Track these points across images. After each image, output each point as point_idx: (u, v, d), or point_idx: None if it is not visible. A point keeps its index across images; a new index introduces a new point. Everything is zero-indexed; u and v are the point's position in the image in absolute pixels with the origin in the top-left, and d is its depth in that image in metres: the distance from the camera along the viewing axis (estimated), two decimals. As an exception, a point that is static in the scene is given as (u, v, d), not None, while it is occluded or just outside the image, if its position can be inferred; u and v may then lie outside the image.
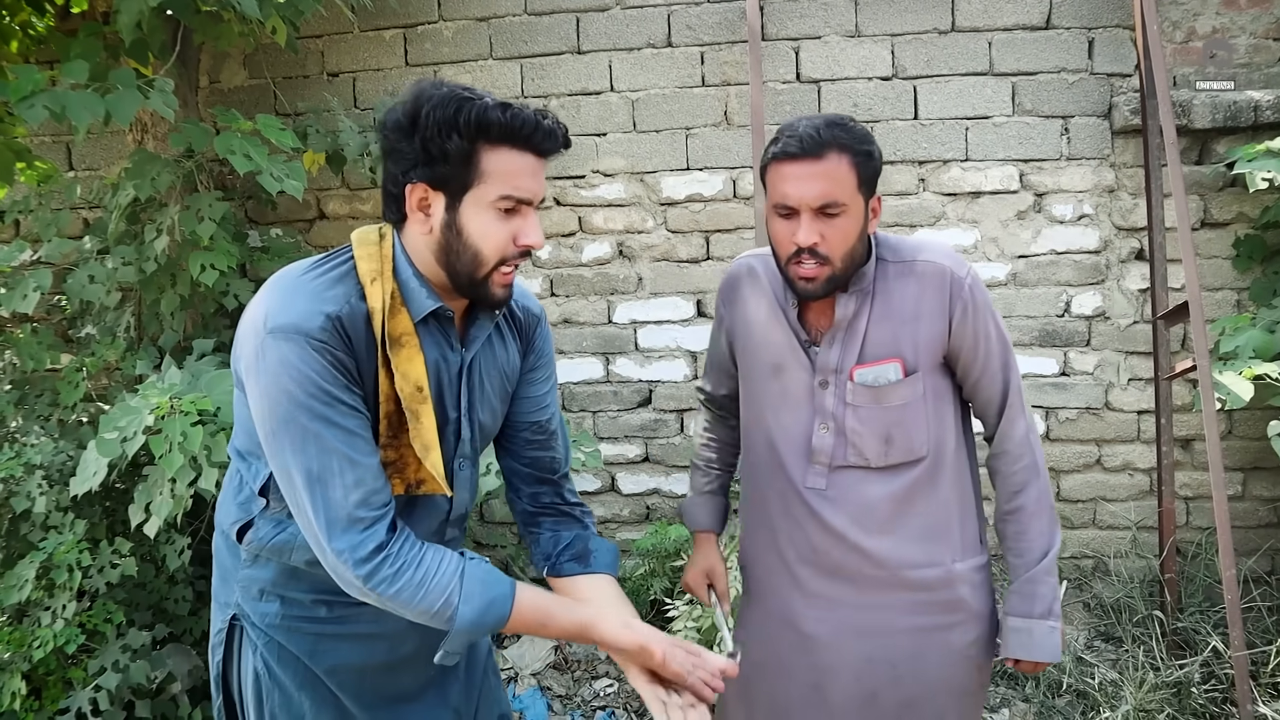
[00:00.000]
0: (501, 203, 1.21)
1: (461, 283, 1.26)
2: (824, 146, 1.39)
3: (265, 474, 1.30)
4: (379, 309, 1.22)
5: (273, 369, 1.16)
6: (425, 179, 1.20)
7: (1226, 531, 2.55)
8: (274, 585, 1.35)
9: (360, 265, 1.24)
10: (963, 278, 1.51)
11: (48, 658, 2.33)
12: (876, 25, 3.20)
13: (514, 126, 1.19)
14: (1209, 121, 3.00)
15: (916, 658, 1.56)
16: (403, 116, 1.19)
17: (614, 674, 3.05)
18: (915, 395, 1.51)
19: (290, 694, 1.37)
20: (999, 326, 1.55)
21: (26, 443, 2.69)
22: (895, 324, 1.50)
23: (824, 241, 1.41)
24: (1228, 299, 3.16)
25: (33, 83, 2.23)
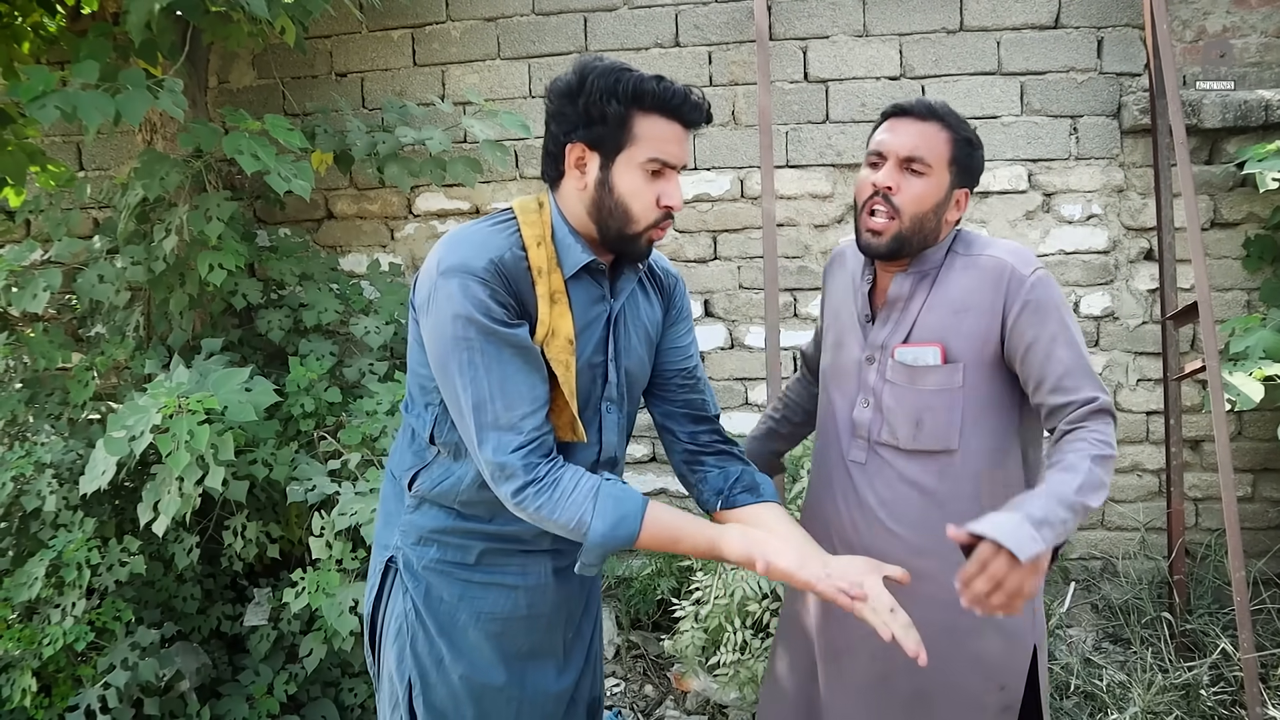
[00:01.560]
0: (649, 164, 1.36)
1: (611, 236, 1.40)
2: (932, 114, 1.50)
3: (431, 419, 1.44)
4: (543, 268, 1.37)
5: (441, 303, 1.32)
6: (584, 139, 1.35)
7: (1236, 533, 2.53)
8: (434, 532, 1.47)
9: (525, 230, 1.38)
10: (1025, 275, 1.46)
11: (57, 655, 2.34)
12: (884, 25, 3.19)
13: (664, 97, 1.34)
14: (1219, 121, 2.98)
15: (935, 652, 1.49)
16: (569, 83, 1.35)
17: (620, 673, 3.05)
18: (951, 384, 1.50)
19: (432, 636, 1.48)
20: (1070, 336, 1.44)
21: (37, 441, 2.71)
22: (946, 312, 1.51)
23: (899, 191, 1.48)
24: (1238, 299, 3.15)
25: (44, 83, 2.24)
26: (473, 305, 1.30)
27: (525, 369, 1.33)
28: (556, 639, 1.57)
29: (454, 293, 1.30)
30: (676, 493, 3.48)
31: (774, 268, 2.85)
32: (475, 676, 1.48)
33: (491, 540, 1.47)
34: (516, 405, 1.32)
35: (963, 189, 1.53)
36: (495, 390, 1.31)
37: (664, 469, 3.47)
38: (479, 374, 1.31)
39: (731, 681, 2.51)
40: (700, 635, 2.59)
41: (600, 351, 1.46)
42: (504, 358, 1.31)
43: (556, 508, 1.32)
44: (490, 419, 1.31)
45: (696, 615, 2.64)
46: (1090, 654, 2.93)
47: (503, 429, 1.31)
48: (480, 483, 1.41)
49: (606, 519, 1.32)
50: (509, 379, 1.31)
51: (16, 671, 2.33)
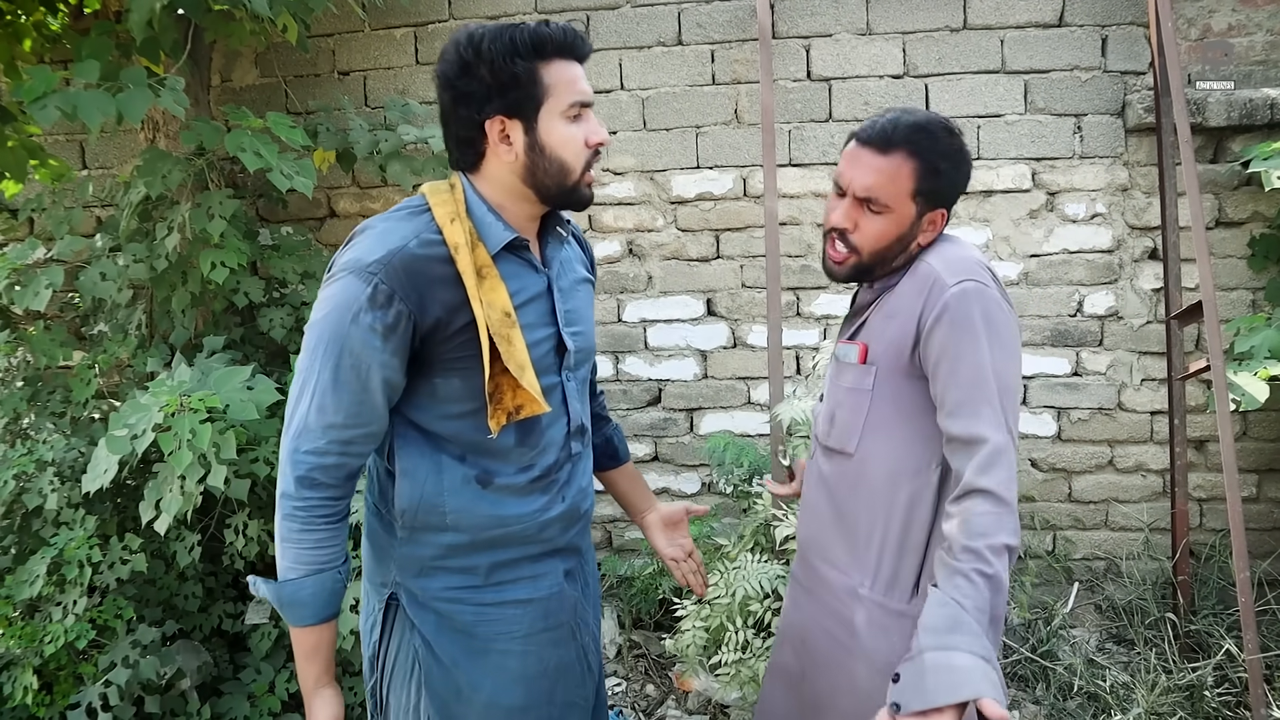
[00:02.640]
0: (571, 110, 1.32)
1: (552, 194, 1.36)
2: (893, 145, 1.39)
3: (384, 438, 1.39)
4: (463, 243, 1.31)
5: (323, 298, 1.29)
6: (501, 110, 1.30)
7: (1240, 534, 2.52)
8: (436, 560, 1.41)
9: (436, 210, 1.34)
10: (947, 284, 1.35)
11: (59, 653, 2.34)
12: (888, 23, 3.18)
13: (561, 39, 1.30)
14: (1224, 119, 2.97)
15: (827, 662, 1.53)
16: (463, 60, 1.29)
17: (622, 673, 3.04)
18: (861, 385, 1.46)
19: (447, 669, 1.42)
20: (978, 357, 1.31)
21: (39, 439, 2.71)
22: (883, 315, 1.48)
23: (856, 231, 1.43)
24: (1242, 299, 3.13)
25: (45, 83, 2.24)
26: (343, 307, 1.26)
27: (357, 394, 1.28)
28: (578, 646, 1.53)
29: (333, 293, 1.28)
30: (679, 492, 3.47)
31: (776, 266, 2.85)
32: (501, 700, 1.43)
33: (496, 550, 1.41)
34: (328, 413, 1.28)
35: (936, 210, 1.44)
36: (320, 389, 1.28)
37: (666, 468, 3.47)
38: (313, 369, 1.28)
39: (733, 681, 2.50)
40: (702, 635, 2.59)
41: (549, 323, 1.43)
42: (341, 368, 1.27)
43: (294, 539, 1.30)
44: (302, 410, 1.29)
45: (698, 615, 2.64)
46: (1094, 654, 2.92)
47: (308, 427, 1.29)
48: (463, 479, 1.38)
49: (288, 593, 1.31)
50: (338, 386, 1.27)
51: (18, 669, 2.34)
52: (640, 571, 3.20)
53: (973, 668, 1.14)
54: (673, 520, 1.78)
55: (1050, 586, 3.23)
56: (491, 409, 1.33)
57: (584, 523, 1.55)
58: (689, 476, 3.47)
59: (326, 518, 1.31)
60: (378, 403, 1.30)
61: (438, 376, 1.34)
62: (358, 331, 1.25)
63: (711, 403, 3.42)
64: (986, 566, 1.21)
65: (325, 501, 1.30)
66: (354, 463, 1.32)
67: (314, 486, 1.29)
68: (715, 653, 2.57)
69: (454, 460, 1.38)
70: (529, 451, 1.41)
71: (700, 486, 3.47)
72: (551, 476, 1.45)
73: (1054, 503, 3.30)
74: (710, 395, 3.42)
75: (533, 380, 1.33)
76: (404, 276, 1.27)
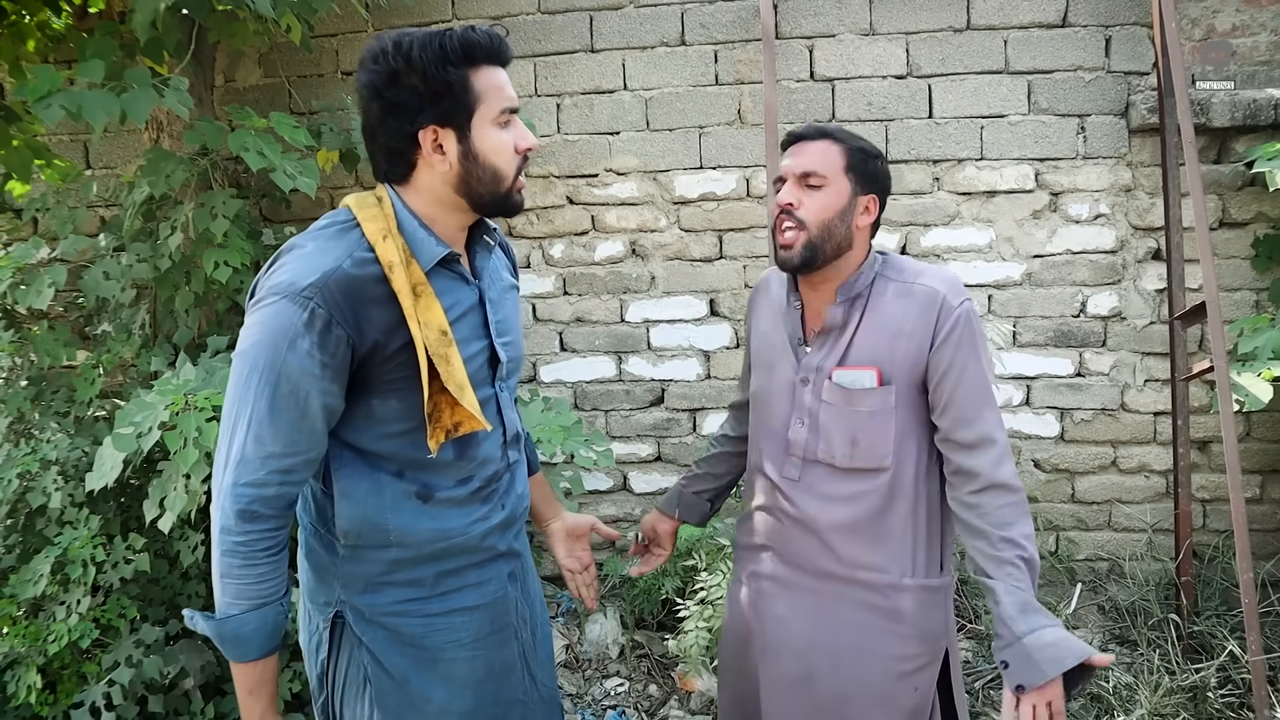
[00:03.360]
0: (501, 117, 1.30)
1: (486, 202, 1.34)
2: (822, 134, 1.60)
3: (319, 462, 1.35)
4: (397, 262, 1.27)
5: (253, 323, 1.24)
6: (434, 119, 1.27)
7: (1244, 534, 2.52)
8: (380, 575, 1.39)
9: (366, 226, 1.29)
10: (954, 305, 1.53)
11: (62, 652, 2.35)
12: (891, 23, 3.18)
13: (489, 45, 1.28)
14: (1228, 120, 2.97)
15: (856, 655, 1.61)
16: (392, 70, 1.25)
17: (624, 673, 3.04)
18: (886, 405, 1.56)
19: (398, 681, 1.41)
20: (980, 369, 1.53)
21: (43, 438, 2.71)
22: (880, 336, 1.57)
23: (801, 206, 1.56)
24: (1246, 299, 3.13)
25: (49, 83, 2.24)
26: (278, 334, 1.21)
27: (295, 421, 1.24)
28: (519, 645, 1.55)
29: (265, 318, 1.22)
30: (681, 492, 3.47)
31: (779, 267, 2.84)
32: (452, 707, 1.44)
33: (441, 561, 1.40)
34: (267, 443, 1.23)
35: (869, 195, 1.59)
36: (256, 418, 1.23)
37: (669, 468, 3.47)
38: (248, 399, 1.23)
39: (736, 681, 2.50)
40: (704, 635, 2.59)
41: (481, 335, 1.41)
42: (279, 396, 1.22)
43: (236, 575, 1.26)
44: (239, 442, 1.24)
45: (700, 615, 2.64)
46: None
47: (246, 458, 1.23)
48: (403, 495, 1.36)
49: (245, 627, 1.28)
50: (275, 415, 1.23)
51: (22, 668, 2.34)
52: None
53: (1063, 637, 1.41)
54: (577, 532, 1.80)
55: (1053, 587, 3.22)
56: (431, 428, 1.32)
57: (521, 524, 1.56)
58: (692, 477, 3.46)
59: (268, 550, 1.27)
60: (317, 429, 1.27)
61: (375, 398, 1.31)
62: (295, 358, 1.21)
63: (714, 403, 3.42)
64: (1024, 552, 1.46)
65: (266, 534, 1.27)
66: (294, 491, 1.29)
67: (255, 519, 1.25)
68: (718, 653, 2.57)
69: (392, 477, 1.36)
70: (468, 464, 1.40)
71: (703, 487, 3.47)
72: (491, 486, 1.45)
73: (1057, 503, 3.29)
74: (713, 395, 3.42)
75: (472, 400, 1.32)
76: (340, 299, 1.23)
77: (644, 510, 3.50)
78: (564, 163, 3.37)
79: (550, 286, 3.45)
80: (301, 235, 1.31)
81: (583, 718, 2.83)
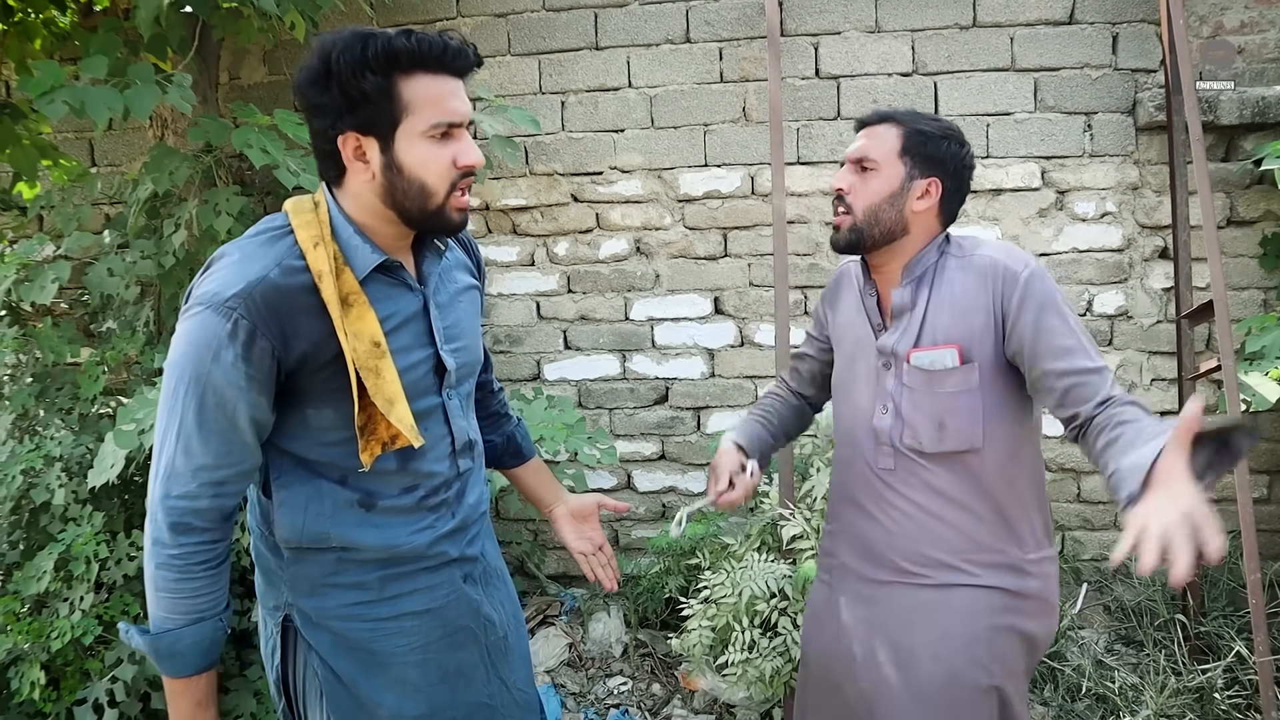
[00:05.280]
0: (433, 130, 1.22)
1: (414, 217, 1.27)
2: (882, 118, 1.60)
3: (254, 474, 1.32)
4: (326, 271, 1.22)
5: (179, 334, 1.20)
6: (353, 126, 1.21)
7: (1251, 535, 2.50)
8: (326, 577, 1.36)
9: (299, 233, 1.25)
10: (1018, 272, 1.49)
11: (65, 648, 2.35)
12: (897, 21, 3.17)
13: (422, 51, 1.19)
14: (1236, 118, 2.95)
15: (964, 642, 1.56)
16: (314, 69, 1.19)
17: (628, 672, 3.04)
18: (970, 384, 1.52)
19: (347, 686, 1.38)
20: (1065, 321, 1.47)
21: (47, 435, 2.72)
22: (954, 313, 1.54)
23: (850, 191, 1.58)
24: (1254, 298, 3.11)
25: (53, 78, 2.25)
26: (202, 345, 1.17)
27: (224, 433, 1.21)
28: (480, 648, 1.50)
29: (190, 329, 1.18)
30: (685, 491, 3.47)
31: (784, 265, 2.84)
32: (406, 710, 1.40)
33: (387, 566, 1.36)
34: (196, 455, 1.20)
35: (929, 178, 1.56)
36: (185, 431, 1.20)
37: (673, 467, 3.46)
38: (175, 410, 1.20)
39: (740, 681, 2.49)
40: (708, 634, 2.58)
41: (426, 343, 1.36)
42: (205, 408, 1.19)
43: (171, 588, 1.23)
44: (168, 455, 1.21)
45: (704, 614, 2.63)
46: (1102, 656, 2.90)
47: (176, 471, 1.20)
48: (345, 503, 1.33)
49: (181, 642, 1.25)
50: (203, 427, 1.19)
51: (25, 664, 2.34)
52: (646, 570, 3.19)
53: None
54: (583, 513, 1.74)
55: (1059, 587, 3.20)
56: (363, 442, 1.28)
57: (478, 528, 1.51)
58: (696, 475, 3.46)
59: (205, 564, 1.24)
60: (247, 441, 1.24)
61: (309, 407, 1.27)
62: (219, 370, 1.17)
63: (719, 401, 3.41)
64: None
65: (202, 547, 1.23)
66: (229, 503, 1.25)
67: (189, 532, 1.22)
68: (722, 652, 2.57)
69: (333, 484, 1.32)
70: (411, 475, 1.36)
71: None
72: (439, 496, 1.41)
73: (1063, 503, 3.28)
74: (718, 394, 3.41)
75: (403, 414, 1.27)
76: (265, 310, 1.18)
77: (647, 509, 3.50)
78: (568, 160, 3.36)
79: (554, 284, 3.44)
80: (232, 243, 1.26)
81: (586, 716, 2.82)
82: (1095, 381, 1.43)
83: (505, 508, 3.54)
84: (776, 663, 2.44)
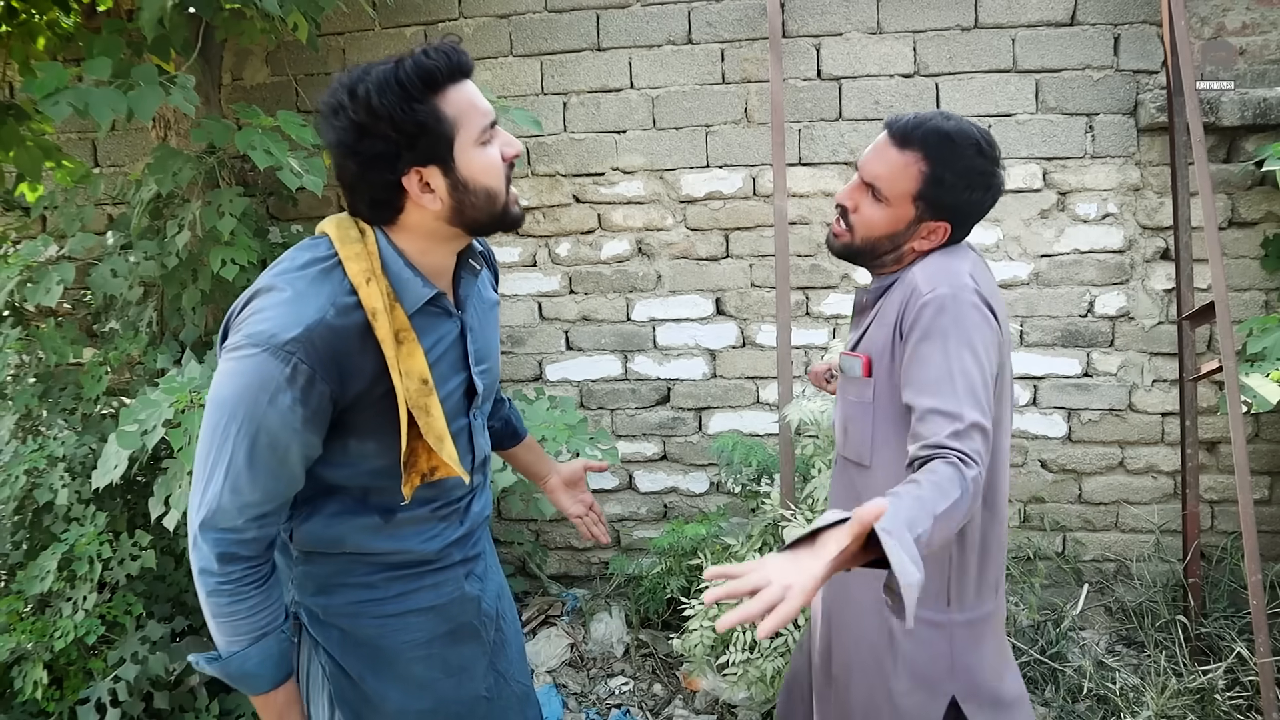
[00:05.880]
0: (482, 136, 1.23)
1: (483, 224, 1.28)
2: (910, 142, 1.43)
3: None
4: (381, 309, 1.22)
5: (231, 369, 1.18)
6: (414, 162, 1.20)
7: (1252, 536, 2.50)
8: (334, 576, 1.38)
9: (349, 265, 1.22)
10: (923, 293, 1.38)
11: (68, 648, 2.35)
12: (898, 22, 3.17)
13: (448, 65, 1.19)
14: (1237, 119, 2.95)
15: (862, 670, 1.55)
16: (356, 122, 1.17)
17: (629, 672, 3.04)
18: (864, 397, 1.49)
19: (355, 681, 1.40)
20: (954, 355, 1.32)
21: (50, 435, 2.72)
22: (878, 327, 1.51)
23: (855, 211, 1.49)
24: (1255, 300, 3.11)
25: (57, 79, 2.25)
26: (258, 387, 1.16)
27: (274, 471, 1.21)
28: (482, 643, 1.54)
29: (245, 369, 1.16)
30: (687, 491, 3.47)
31: (786, 266, 2.84)
32: (411, 705, 1.43)
33: (396, 569, 1.40)
34: (244, 493, 1.19)
35: (939, 221, 1.45)
36: (234, 470, 1.18)
37: (675, 467, 3.47)
38: (225, 449, 1.18)
39: (740, 681, 2.50)
40: (709, 634, 2.58)
41: (460, 369, 1.38)
42: (257, 448, 1.18)
43: (226, 613, 1.24)
44: (214, 491, 1.19)
45: (705, 614, 2.63)
46: (1103, 657, 2.90)
47: (222, 508, 1.20)
48: (364, 515, 1.35)
49: (248, 662, 1.26)
50: (254, 467, 1.19)
51: (28, 664, 2.35)
52: (648, 571, 3.19)
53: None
54: (573, 479, 1.85)
55: (1060, 588, 3.21)
56: (406, 475, 1.29)
57: (481, 531, 1.55)
58: (697, 476, 3.46)
59: (255, 583, 1.25)
60: (295, 475, 1.25)
61: (353, 438, 1.28)
62: (275, 413, 1.17)
63: (720, 402, 3.41)
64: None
65: (250, 571, 1.24)
66: (273, 531, 1.27)
67: (235, 560, 1.22)
68: (723, 652, 2.57)
69: (355, 500, 1.35)
70: (433, 489, 1.39)
71: (708, 486, 3.47)
72: (451, 507, 1.44)
73: (1064, 504, 3.28)
74: (719, 395, 3.41)
75: (452, 452, 1.29)
76: (323, 353, 1.17)
77: (649, 509, 3.50)
78: (570, 161, 3.37)
79: (556, 285, 3.45)
80: (279, 274, 1.23)
81: (587, 716, 2.83)
82: (935, 423, 1.27)
83: (507, 508, 3.54)
84: (777, 663, 2.44)
